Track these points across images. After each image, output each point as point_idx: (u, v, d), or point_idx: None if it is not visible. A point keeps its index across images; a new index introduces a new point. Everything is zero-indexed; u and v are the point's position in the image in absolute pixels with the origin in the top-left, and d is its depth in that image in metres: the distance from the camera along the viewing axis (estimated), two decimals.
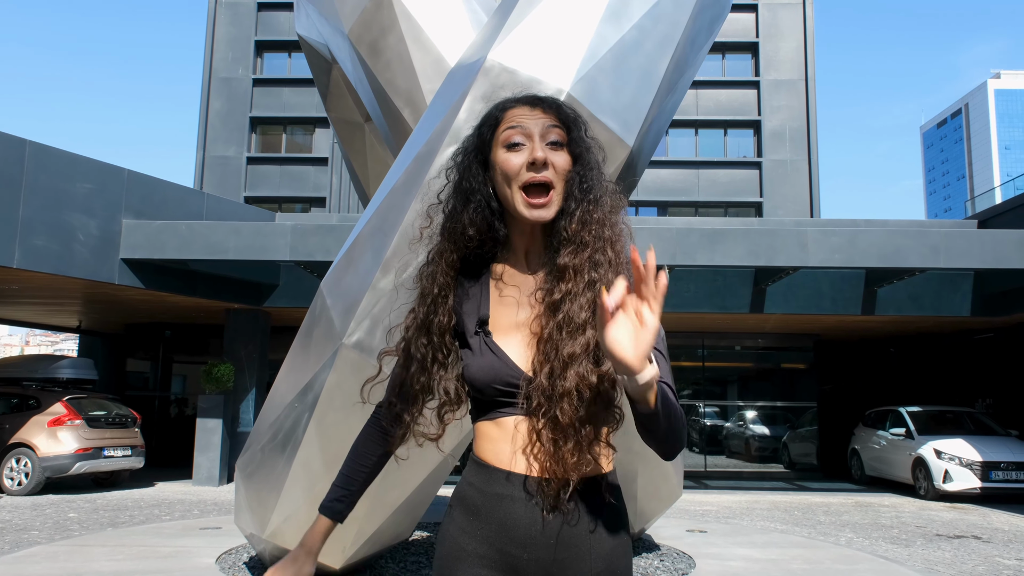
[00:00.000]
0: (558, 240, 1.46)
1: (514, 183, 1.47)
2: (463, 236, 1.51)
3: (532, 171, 1.46)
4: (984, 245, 11.18)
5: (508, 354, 1.44)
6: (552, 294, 1.43)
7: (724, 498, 12.39)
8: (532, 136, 1.48)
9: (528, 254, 1.53)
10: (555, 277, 1.44)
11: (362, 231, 4.28)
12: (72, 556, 5.96)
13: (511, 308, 1.49)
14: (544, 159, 1.45)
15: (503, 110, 1.54)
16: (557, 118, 1.51)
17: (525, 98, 1.55)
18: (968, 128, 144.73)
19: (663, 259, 11.33)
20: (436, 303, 1.52)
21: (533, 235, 1.52)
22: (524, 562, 1.39)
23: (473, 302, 1.51)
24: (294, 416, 4.39)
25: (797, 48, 28.02)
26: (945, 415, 14.07)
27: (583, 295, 1.41)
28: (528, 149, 1.47)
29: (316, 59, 7.21)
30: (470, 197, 1.51)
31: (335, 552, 4.54)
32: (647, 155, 4.34)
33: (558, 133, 1.49)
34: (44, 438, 11.53)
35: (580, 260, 1.43)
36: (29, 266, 9.99)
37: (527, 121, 1.49)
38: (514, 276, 1.52)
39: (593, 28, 4.02)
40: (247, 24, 28.53)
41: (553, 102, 1.54)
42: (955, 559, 7.53)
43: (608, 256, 1.45)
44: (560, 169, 1.47)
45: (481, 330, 1.47)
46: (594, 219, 1.45)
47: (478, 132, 1.56)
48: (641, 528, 6.44)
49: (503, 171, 1.48)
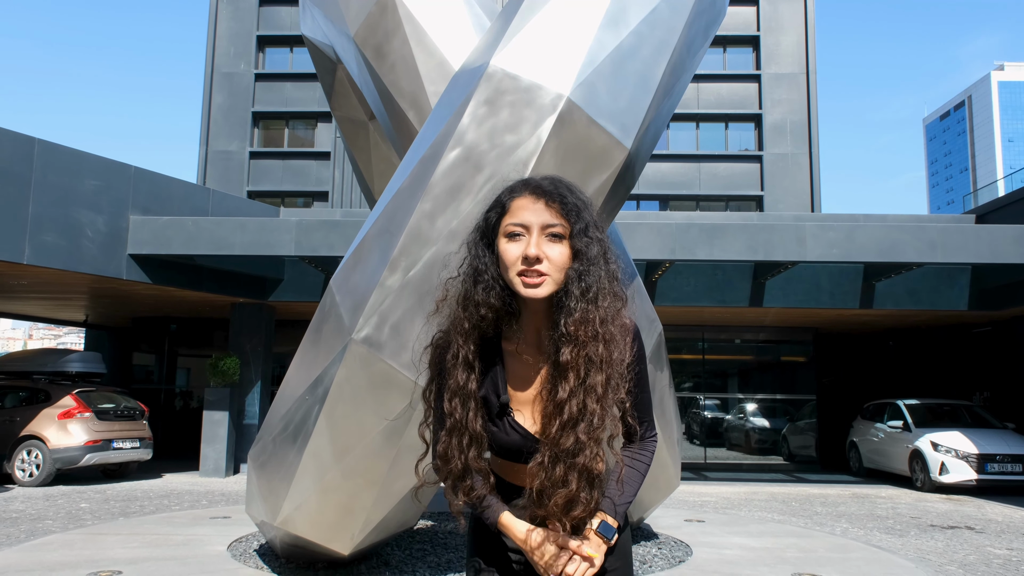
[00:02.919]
0: (559, 335, 1.61)
1: (511, 271, 1.62)
2: (476, 309, 1.66)
3: (525, 264, 1.60)
4: (981, 240, 11.31)
5: (527, 429, 1.67)
6: (556, 392, 1.61)
7: (723, 489, 12.57)
8: (531, 230, 1.61)
9: (538, 335, 1.69)
10: (558, 373, 1.62)
11: (369, 231, 4.44)
12: (88, 544, 6.14)
13: (526, 385, 1.68)
14: (536, 256, 1.59)
15: (510, 198, 1.67)
16: (560, 213, 1.63)
17: (532, 187, 1.67)
18: (971, 120, 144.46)
19: (663, 254, 11.50)
20: (468, 375, 1.68)
21: (541, 317, 1.68)
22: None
23: (491, 382, 1.68)
24: (305, 408, 4.56)
25: (798, 42, 28.07)
26: (942, 408, 14.23)
27: (579, 393, 1.60)
28: (525, 242, 1.61)
29: (321, 59, 7.35)
30: (479, 277, 1.67)
31: (344, 539, 4.72)
32: (644, 157, 4.48)
33: (560, 228, 1.62)
34: (54, 430, 11.73)
35: (577, 358, 1.59)
36: (39, 262, 10.17)
37: (528, 215, 1.62)
38: (524, 356, 1.69)
39: (592, 34, 4.17)
40: (249, 19, 28.61)
41: (558, 194, 1.65)
42: (947, 548, 7.70)
43: (600, 354, 1.60)
44: (556, 262, 1.62)
45: (504, 411, 1.67)
46: (591, 318, 1.60)
47: (486, 216, 1.71)
48: (640, 517, 6.62)
49: (502, 260, 1.63)
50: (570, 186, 1.69)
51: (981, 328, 15.49)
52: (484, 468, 1.69)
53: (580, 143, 4.03)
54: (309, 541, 4.77)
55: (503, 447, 1.68)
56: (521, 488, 1.67)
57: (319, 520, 4.67)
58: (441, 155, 4.10)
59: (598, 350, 1.59)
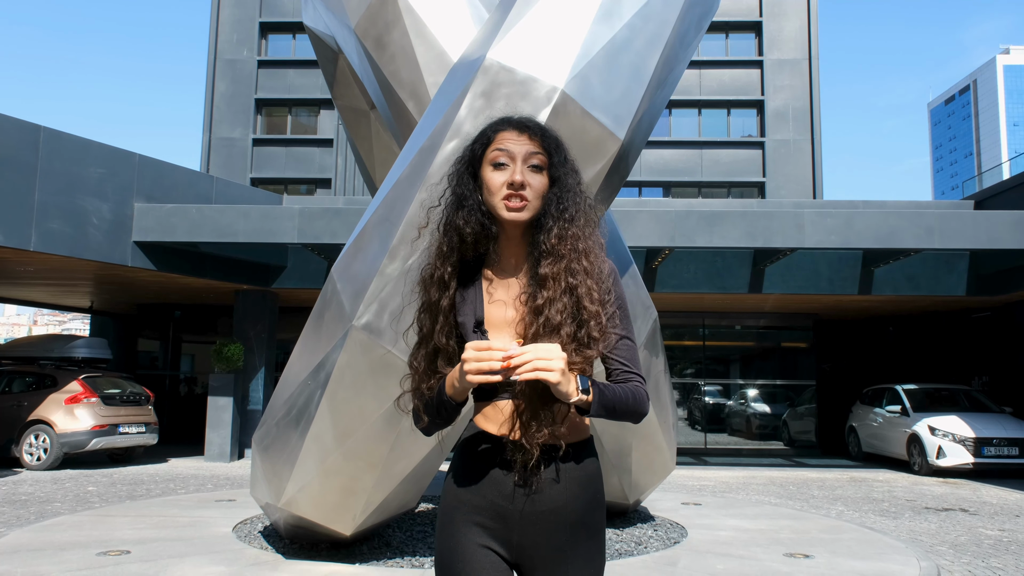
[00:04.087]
0: (539, 252, 1.74)
1: (495, 196, 1.75)
2: (458, 233, 1.78)
3: (510, 190, 1.73)
4: (978, 226, 11.38)
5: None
6: (535, 299, 1.71)
7: (722, 474, 12.72)
8: (515, 159, 1.75)
9: (515, 261, 1.81)
10: (537, 284, 1.72)
11: (369, 220, 4.55)
12: (96, 525, 6.30)
13: (500, 308, 1.78)
14: (521, 182, 1.72)
15: (495, 131, 1.80)
16: (540, 144, 1.77)
17: (515, 122, 1.80)
18: (976, 105, 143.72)
19: (662, 241, 11.59)
20: (441, 293, 1.80)
21: (518, 244, 1.80)
22: (509, 511, 1.72)
23: (469, 304, 1.79)
24: (307, 393, 4.69)
25: (800, 27, 27.98)
26: (940, 392, 14.34)
27: (560, 300, 1.69)
28: (510, 171, 1.74)
29: (323, 49, 7.43)
30: (462, 202, 1.79)
31: (346, 520, 4.86)
32: (638, 147, 4.58)
33: (539, 158, 1.76)
34: (62, 415, 11.90)
35: (558, 269, 1.71)
36: (45, 249, 10.29)
37: (512, 145, 1.76)
38: (502, 280, 1.81)
39: (586, 27, 4.26)
40: (251, 5, 28.59)
41: (539, 128, 1.80)
42: (939, 530, 7.84)
43: (583, 265, 1.73)
44: (537, 189, 1.75)
45: (479, 329, 1.77)
46: (569, 234, 1.73)
47: (471, 147, 1.83)
48: (637, 499, 6.75)
49: (488, 186, 1.76)
50: (547, 126, 1.84)
51: (980, 313, 15.57)
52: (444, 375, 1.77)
53: (575, 134, 4.12)
54: (312, 522, 4.91)
55: None
56: (500, 438, 1.72)
57: (321, 501, 4.81)
58: (439, 146, 4.20)
59: (580, 261, 1.72)
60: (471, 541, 1.72)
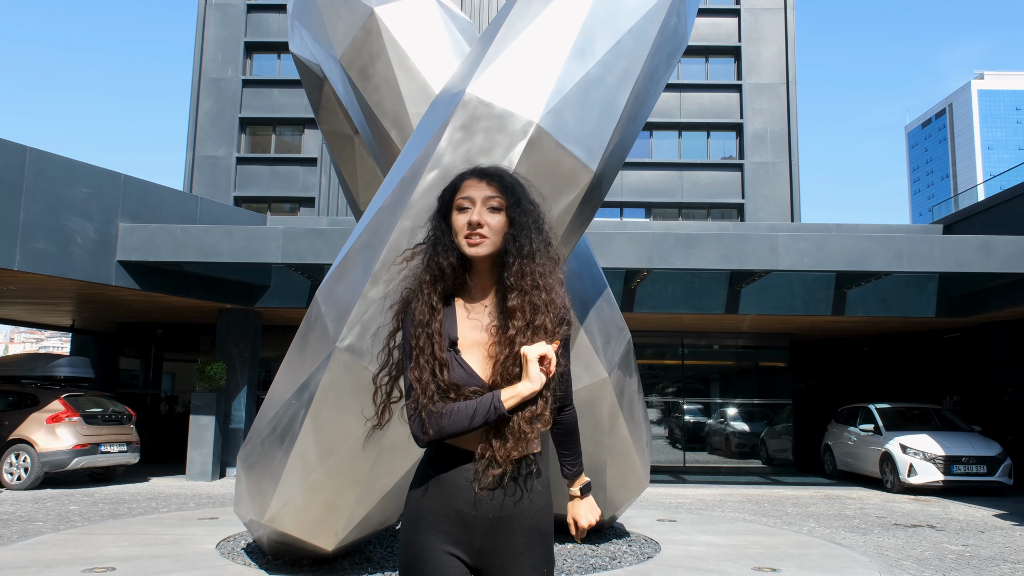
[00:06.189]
0: (505, 287, 2.01)
1: (459, 236, 2.03)
2: (438, 267, 2.05)
3: (470, 229, 2.01)
4: (945, 250, 11.74)
5: (474, 368, 1.99)
6: (506, 329, 1.98)
7: (699, 491, 12.92)
8: (475, 202, 2.03)
9: (483, 291, 2.08)
10: (506, 316, 1.99)
11: (353, 246, 4.74)
12: (80, 543, 6.39)
13: (472, 332, 2.03)
14: (478, 221, 2.00)
15: (461, 180, 2.10)
16: (498, 189, 2.05)
17: (477, 171, 2.10)
18: (952, 128, 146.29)
19: (640, 262, 11.85)
20: (432, 317, 2.02)
21: (487, 277, 2.07)
22: (473, 518, 1.94)
23: (447, 328, 2.03)
24: (291, 412, 4.85)
25: (779, 52, 28.60)
26: (912, 411, 14.66)
27: (525, 332, 1.96)
28: (470, 212, 2.02)
29: (309, 76, 7.63)
30: (438, 243, 2.08)
31: (328, 536, 5.00)
32: (610, 178, 4.80)
33: (497, 200, 2.04)
34: (43, 434, 11.91)
35: (523, 302, 1.97)
36: (29, 268, 10.37)
37: (473, 191, 2.05)
38: (473, 308, 2.08)
39: (560, 64, 4.49)
40: (237, 25, 28.83)
41: (497, 175, 2.08)
42: (906, 545, 8.07)
43: (543, 299, 1.99)
44: (494, 227, 2.02)
45: (452, 348, 2.01)
46: (527, 271, 1.99)
47: (442, 196, 2.13)
48: (612, 516, 6.93)
49: (454, 227, 2.05)
50: (509, 172, 2.12)
51: (951, 334, 15.95)
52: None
53: (549, 166, 4.34)
54: (295, 538, 5.05)
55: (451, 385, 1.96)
56: (469, 453, 1.94)
57: (304, 517, 4.95)
58: (420, 176, 4.41)
59: (541, 296, 1.98)
60: (436, 548, 1.92)
